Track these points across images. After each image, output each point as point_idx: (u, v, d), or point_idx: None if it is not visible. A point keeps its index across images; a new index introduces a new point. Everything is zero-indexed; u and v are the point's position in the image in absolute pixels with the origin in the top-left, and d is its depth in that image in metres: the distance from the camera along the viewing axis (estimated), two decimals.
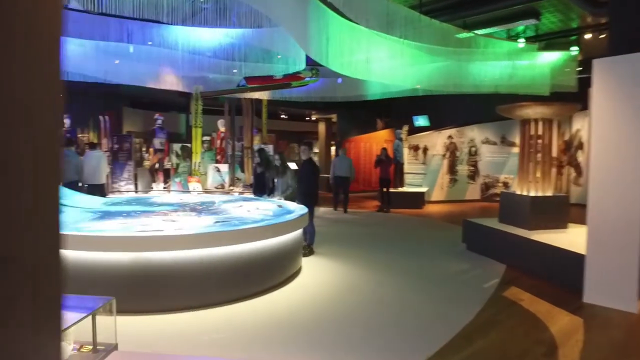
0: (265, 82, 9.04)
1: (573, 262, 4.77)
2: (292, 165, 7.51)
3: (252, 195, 7.58)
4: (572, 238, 5.47)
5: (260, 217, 5.19)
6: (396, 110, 15.56)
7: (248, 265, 4.57)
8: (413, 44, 6.91)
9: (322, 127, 17.61)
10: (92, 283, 3.92)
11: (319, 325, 3.94)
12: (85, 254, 3.91)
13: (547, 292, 4.89)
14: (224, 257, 4.36)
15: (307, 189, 6.35)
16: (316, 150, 18.73)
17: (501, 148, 12.71)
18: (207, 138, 10.77)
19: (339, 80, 11.09)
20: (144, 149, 12.02)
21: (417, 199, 11.78)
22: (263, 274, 4.76)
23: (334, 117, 17.13)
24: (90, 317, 2.16)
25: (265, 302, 4.47)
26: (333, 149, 17.49)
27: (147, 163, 10.65)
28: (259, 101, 11.23)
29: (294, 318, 4.12)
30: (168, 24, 6.64)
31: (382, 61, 7.61)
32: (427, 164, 13.00)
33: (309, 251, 6.40)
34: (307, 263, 6.00)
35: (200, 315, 4.06)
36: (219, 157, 11.03)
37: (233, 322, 3.96)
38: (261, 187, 7.27)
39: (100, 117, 9.72)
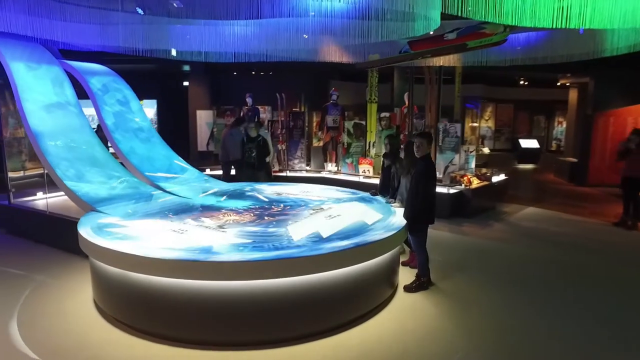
0: (434, 45, 6.92)
1: None
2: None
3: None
4: None
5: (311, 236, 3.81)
6: None
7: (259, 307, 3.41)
8: None
9: (573, 95, 13.15)
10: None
11: None
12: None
13: None
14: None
15: (416, 200, 4.40)
16: (561, 126, 14.41)
17: None
18: (385, 114, 9.38)
19: (581, 30, 7.68)
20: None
21: None
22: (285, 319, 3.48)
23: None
24: None
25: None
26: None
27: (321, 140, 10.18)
28: (450, 68, 9.01)
29: None
30: None
31: None
32: None
33: (417, 285, 4.54)
34: (405, 302, 4.30)
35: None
36: (402, 136, 9.49)
37: None
38: (387, 186, 5.62)
39: (277, 95, 9.74)
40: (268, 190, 6.11)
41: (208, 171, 9.91)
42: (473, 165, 8.87)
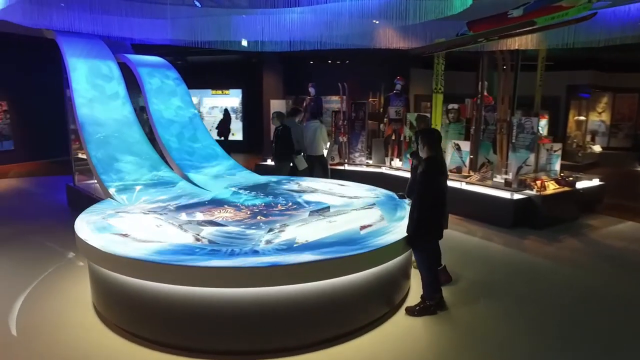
0: (495, 24, 5.87)
1: None
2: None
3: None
4: None
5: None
6: None
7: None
8: None
9: None
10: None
11: None
12: None
13: None
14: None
15: (415, 210, 3.75)
16: None
17: None
18: (454, 106, 8.36)
19: None
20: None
21: None
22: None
23: None
24: None
25: None
26: None
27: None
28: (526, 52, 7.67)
29: None
30: None
31: None
32: None
33: (420, 309, 3.91)
34: (399, 327, 3.71)
35: None
36: (473, 131, 8.39)
37: None
38: (413, 188, 4.93)
39: (339, 84, 9.28)
40: (294, 185, 5.84)
41: (268, 161, 10.00)
42: (557, 167, 7.52)
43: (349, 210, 4.51)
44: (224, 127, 14.40)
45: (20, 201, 8.23)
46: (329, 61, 12.60)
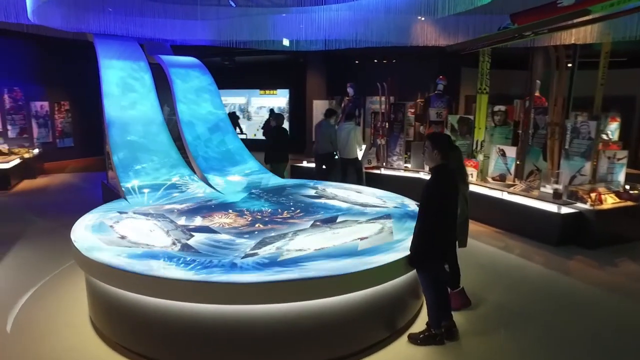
0: (543, 15, 5.17)
1: None
2: None
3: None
4: None
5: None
6: None
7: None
8: None
9: None
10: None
11: None
12: None
13: None
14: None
15: (421, 224, 3.31)
16: None
17: None
18: (501, 108, 7.59)
19: None
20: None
21: None
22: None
23: None
24: None
25: None
26: None
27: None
28: (587, 48, 6.74)
29: None
30: None
31: None
32: None
33: (424, 337, 3.47)
34: (397, 356, 3.29)
35: None
36: (521, 134, 7.57)
37: None
38: None
39: (378, 84, 8.80)
40: (311, 191, 5.56)
41: (304, 163, 9.81)
42: (621, 177, 6.58)
43: (357, 221, 4.15)
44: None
45: (69, 195, 8.69)
46: (375, 60, 12.14)
